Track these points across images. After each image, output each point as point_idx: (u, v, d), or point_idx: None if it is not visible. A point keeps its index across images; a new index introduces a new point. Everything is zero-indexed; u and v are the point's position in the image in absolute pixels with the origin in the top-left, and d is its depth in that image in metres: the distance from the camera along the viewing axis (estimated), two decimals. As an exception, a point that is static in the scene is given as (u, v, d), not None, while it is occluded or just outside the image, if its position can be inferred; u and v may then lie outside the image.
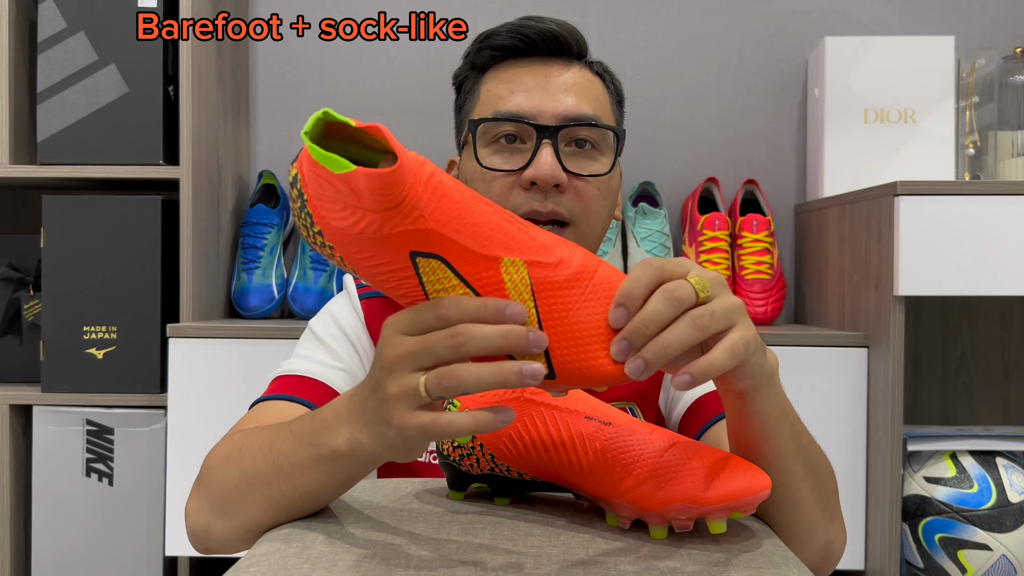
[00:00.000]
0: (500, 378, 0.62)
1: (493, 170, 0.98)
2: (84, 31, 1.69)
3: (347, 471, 0.74)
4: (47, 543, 1.68)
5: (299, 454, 0.75)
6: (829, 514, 0.85)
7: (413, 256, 0.64)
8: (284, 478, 0.76)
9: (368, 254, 0.65)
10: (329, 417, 0.74)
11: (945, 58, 1.78)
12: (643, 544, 0.71)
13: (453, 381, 0.62)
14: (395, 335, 0.66)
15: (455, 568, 0.66)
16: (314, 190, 0.65)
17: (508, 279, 0.65)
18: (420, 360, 0.64)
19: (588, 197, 0.99)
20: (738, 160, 1.97)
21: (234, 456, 0.82)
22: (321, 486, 0.75)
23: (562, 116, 0.98)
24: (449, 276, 0.64)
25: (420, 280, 0.65)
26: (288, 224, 1.91)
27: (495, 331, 0.62)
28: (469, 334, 0.62)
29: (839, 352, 1.56)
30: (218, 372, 1.57)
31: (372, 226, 0.63)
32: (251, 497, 0.78)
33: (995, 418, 1.93)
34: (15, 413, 1.70)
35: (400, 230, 0.63)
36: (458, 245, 0.64)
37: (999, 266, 1.45)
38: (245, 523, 0.79)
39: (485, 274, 0.64)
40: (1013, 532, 1.49)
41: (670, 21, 1.98)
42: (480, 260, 0.64)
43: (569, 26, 1.03)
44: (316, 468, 0.74)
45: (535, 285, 0.65)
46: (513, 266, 0.65)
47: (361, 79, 1.98)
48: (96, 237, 1.68)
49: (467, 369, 0.62)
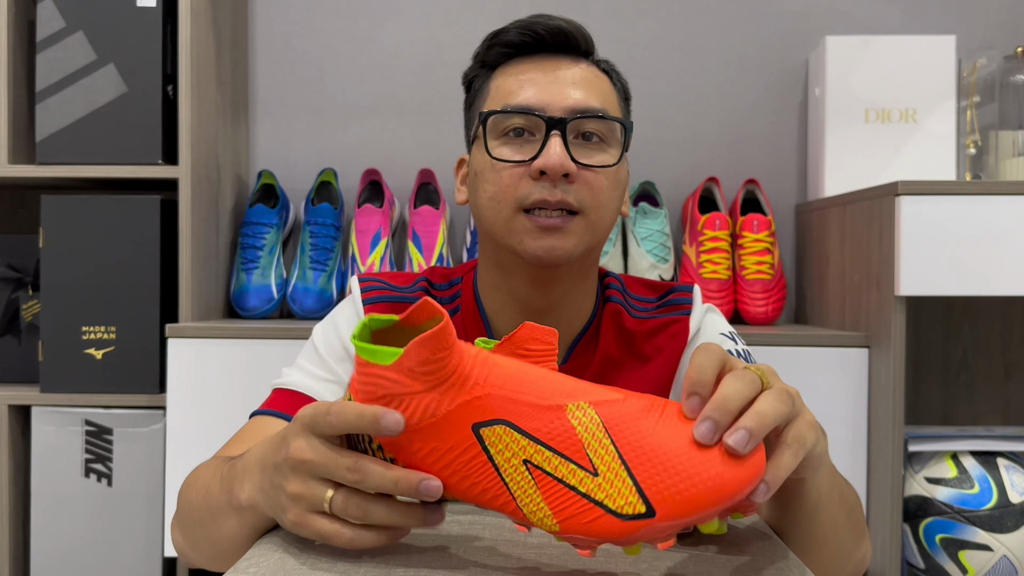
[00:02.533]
0: (407, 520, 0.66)
1: (503, 161, 0.99)
2: (83, 30, 1.69)
3: (252, 523, 0.77)
4: (46, 543, 1.67)
5: (220, 499, 0.80)
6: (859, 536, 0.90)
7: (476, 429, 0.63)
8: (213, 519, 0.81)
9: (432, 445, 0.64)
10: (241, 468, 0.77)
11: (946, 58, 1.78)
12: (643, 544, 0.71)
13: (360, 512, 0.66)
14: (302, 433, 0.68)
15: (455, 568, 0.66)
16: (367, 398, 0.65)
17: (577, 423, 0.62)
18: (321, 474, 0.67)
19: (597, 187, 0.99)
20: (738, 160, 1.97)
21: (191, 487, 0.89)
22: (235, 534, 0.79)
23: (571, 109, 0.99)
24: (517, 438, 0.62)
25: (488, 455, 0.63)
26: (287, 224, 1.91)
27: (388, 477, 0.65)
28: (366, 472, 0.65)
29: (840, 352, 1.56)
30: (217, 372, 1.57)
31: (430, 408, 0.63)
32: (198, 534, 0.86)
33: (996, 418, 1.92)
34: (14, 413, 1.70)
35: (459, 403, 0.63)
36: (520, 403, 0.63)
37: (1000, 266, 1.45)
38: (203, 554, 0.86)
39: (553, 425, 0.62)
40: (1014, 533, 1.48)
41: (670, 21, 1.98)
42: (545, 412, 0.62)
43: (577, 24, 1.04)
44: (230, 515, 0.78)
45: (607, 423, 0.62)
46: (579, 409, 0.63)
47: (361, 79, 1.98)
48: (95, 237, 1.68)
49: (376, 507, 0.66)
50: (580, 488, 0.61)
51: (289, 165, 1.98)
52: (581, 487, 0.61)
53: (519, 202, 0.98)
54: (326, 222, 1.83)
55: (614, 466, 0.60)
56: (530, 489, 0.62)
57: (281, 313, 1.89)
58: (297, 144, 1.99)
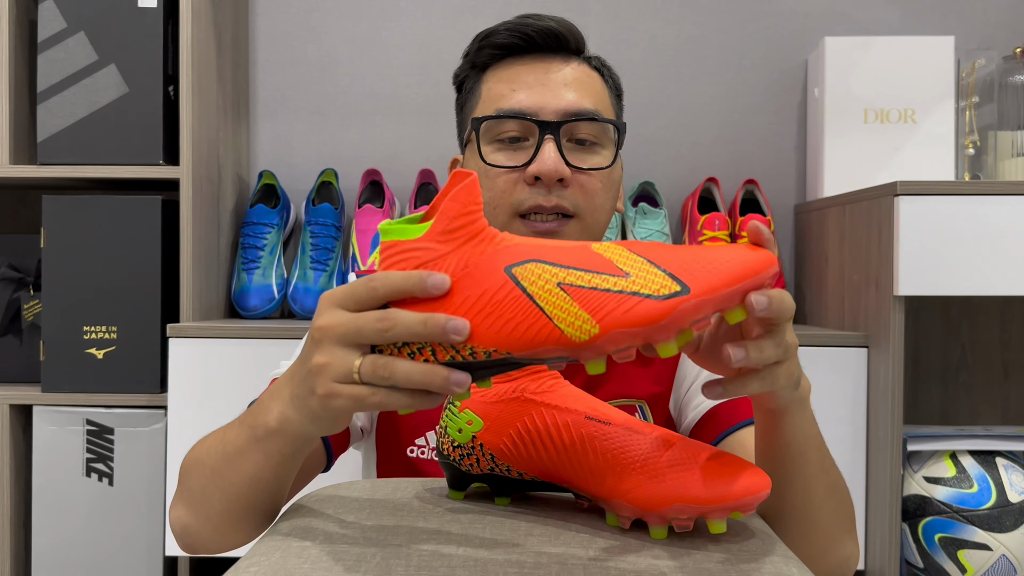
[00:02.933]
0: (428, 379, 0.65)
1: (497, 167, 0.99)
2: (84, 31, 1.69)
3: (279, 449, 0.76)
4: (47, 543, 1.68)
5: (241, 438, 0.79)
6: (845, 532, 0.89)
7: (508, 270, 0.65)
8: (230, 464, 0.80)
9: (464, 295, 0.65)
10: (265, 398, 0.77)
11: (945, 58, 1.78)
12: (643, 544, 0.71)
13: (386, 372, 0.65)
14: (329, 308, 0.68)
15: (455, 568, 0.66)
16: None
17: (603, 251, 0.66)
18: (350, 338, 0.66)
19: (591, 190, 0.99)
20: (738, 160, 1.97)
21: (197, 451, 0.87)
22: (260, 468, 0.78)
23: (563, 112, 0.99)
24: (548, 268, 0.65)
25: (522, 288, 0.64)
26: (288, 224, 1.91)
27: (415, 319, 0.64)
28: (395, 319, 0.65)
29: (839, 352, 1.56)
30: (218, 372, 1.57)
31: (462, 261, 0.65)
32: (209, 489, 0.82)
33: (995, 418, 1.93)
34: (15, 413, 1.70)
35: (489, 252, 0.66)
36: (546, 247, 0.66)
37: (999, 266, 1.45)
38: (211, 516, 0.83)
39: (581, 255, 0.65)
40: (1013, 532, 1.49)
41: (670, 21, 1.98)
42: (572, 249, 0.66)
43: (567, 23, 1.04)
44: (253, 449, 0.77)
45: (630, 247, 0.66)
46: (603, 245, 0.67)
47: (361, 79, 1.98)
48: (96, 237, 1.68)
49: (401, 364, 0.65)
50: (614, 288, 0.63)
51: (290, 165, 1.98)
52: (615, 287, 0.63)
53: (514, 207, 0.98)
54: (327, 222, 1.83)
55: (644, 267, 0.64)
56: (566, 305, 0.63)
57: (282, 313, 1.90)
58: (298, 144, 1.99)
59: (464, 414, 0.80)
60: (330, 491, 0.87)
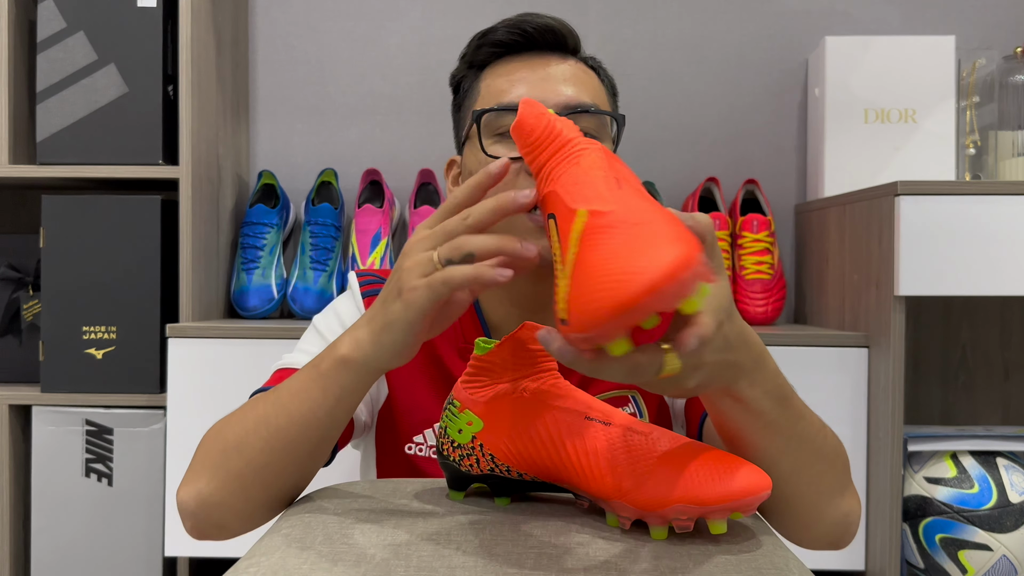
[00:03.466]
0: (501, 241, 0.72)
1: (498, 158, 0.99)
2: (83, 31, 1.69)
3: (340, 383, 0.80)
4: (46, 543, 1.68)
5: (301, 379, 0.83)
6: (840, 490, 0.86)
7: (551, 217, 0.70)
8: (282, 408, 0.83)
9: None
10: (337, 340, 0.82)
11: (945, 58, 1.78)
12: (643, 544, 0.71)
13: (464, 247, 0.73)
14: (421, 229, 0.77)
15: (455, 569, 0.66)
16: None
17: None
18: (436, 240, 0.75)
19: None
20: (738, 160, 1.97)
21: (219, 425, 0.89)
22: (317, 406, 0.81)
23: (563, 105, 1.00)
24: (553, 229, 0.69)
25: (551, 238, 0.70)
26: (288, 224, 1.91)
27: (487, 205, 0.74)
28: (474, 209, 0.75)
29: (839, 352, 1.56)
30: (218, 372, 1.57)
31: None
32: (248, 442, 0.84)
33: (995, 418, 1.92)
34: (14, 413, 1.70)
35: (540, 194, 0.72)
36: (564, 205, 0.69)
37: (1000, 266, 1.45)
38: (240, 471, 0.84)
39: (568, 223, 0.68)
40: (1013, 532, 1.48)
41: (670, 21, 1.98)
42: (568, 212, 0.68)
43: (564, 21, 1.06)
44: (313, 387, 0.81)
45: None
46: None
47: (361, 79, 1.98)
48: (96, 237, 1.68)
49: (474, 237, 0.73)
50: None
51: (289, 165, 1.98)
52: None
53: None
54: (326, 222, 1.83)
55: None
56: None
57: (281, 313, 1.90)
58: (297, 144, 1.99)
59: (464, 414, 0.80)
60: (330, 491, 0.87)
